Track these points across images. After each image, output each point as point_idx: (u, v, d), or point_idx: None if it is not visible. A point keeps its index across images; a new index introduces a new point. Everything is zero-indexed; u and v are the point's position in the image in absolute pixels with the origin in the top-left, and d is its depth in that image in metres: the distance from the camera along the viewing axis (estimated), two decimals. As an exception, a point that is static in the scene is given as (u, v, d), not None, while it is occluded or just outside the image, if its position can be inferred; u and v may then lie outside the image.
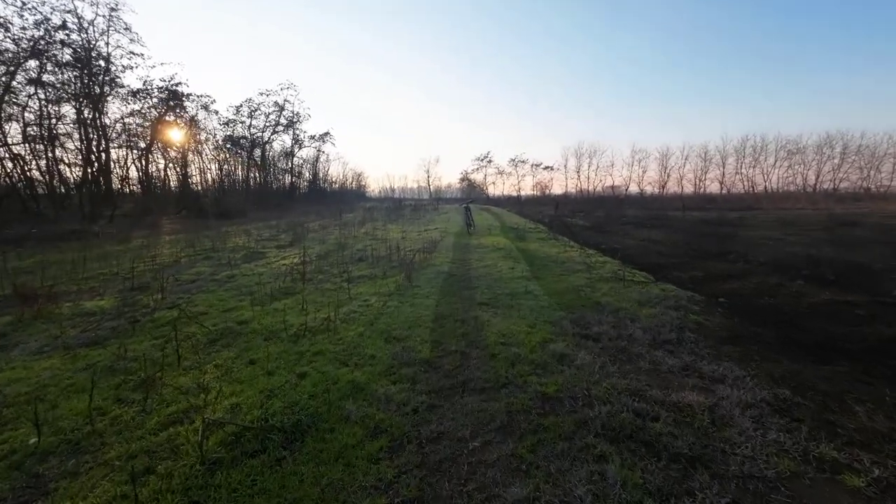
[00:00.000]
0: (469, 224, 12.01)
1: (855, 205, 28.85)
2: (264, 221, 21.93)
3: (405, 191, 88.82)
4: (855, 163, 52.09)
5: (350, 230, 14.80)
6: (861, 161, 51.69)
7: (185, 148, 34.22)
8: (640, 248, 8.89)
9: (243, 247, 10.85)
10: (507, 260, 7.19)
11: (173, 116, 29.96)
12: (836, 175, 53.71)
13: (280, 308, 4.87)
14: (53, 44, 23.66)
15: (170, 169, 33.92)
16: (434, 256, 8.03)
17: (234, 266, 8.04)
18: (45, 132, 23.58)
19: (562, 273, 6.03)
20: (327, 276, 6.75)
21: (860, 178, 51.42)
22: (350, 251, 9.57)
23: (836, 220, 14.38)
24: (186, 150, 34.48)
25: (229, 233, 15.38)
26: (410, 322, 4.06)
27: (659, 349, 3.14)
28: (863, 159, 51.65)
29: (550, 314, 4.01)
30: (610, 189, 65.96)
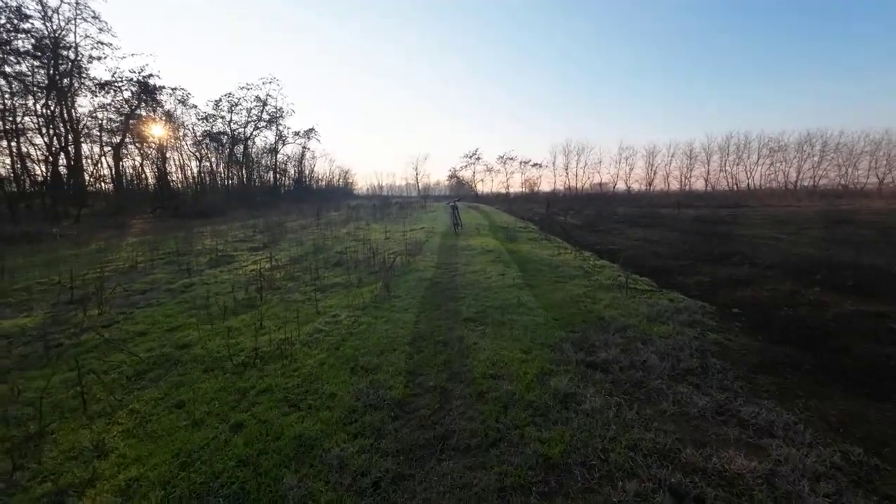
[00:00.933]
0: (456, 224, 11.38)
1: (838, 201, 29.18)
2: (243, 221, 20.92)
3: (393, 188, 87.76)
4: (833, 160, 53.18)
5: (332, 230, 14.04)
6: (839, 159, 52.81)
7: (161, 144, 32.72)
8: (637, 249, 8.40)
9: (212, 249, 10.02)
10: (496, 264, 6.59)
11: (147, 110, 28.51)
12: (815, 172, 54.78)
13: (234, 326, 4.17)
14: (14, 32, 22.14)
15: (145, 166, 32.40)
16: (417, 260, 7.39)
17: (195, 272, 7.27)
18: (10, 126, 22.06)
19: (557, 280, 5.46)
20: (297, 285, 6.05)
21: (838, 176, 52.56)
22: (328, 254, 8.86)
23: (828, 217, 14.21)
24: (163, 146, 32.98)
25: (202, 234, 14.45)
26: (384, 345, 3.42)
27: (682, 382, 2.58)
28: (841, 157, 52.76)
29: (548, 334, 3.41)
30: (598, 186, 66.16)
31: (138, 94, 25.80)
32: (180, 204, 27.95)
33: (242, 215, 25.32)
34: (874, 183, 49.21)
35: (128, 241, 12.31)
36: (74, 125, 26.58)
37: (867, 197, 34.66)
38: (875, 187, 47.64)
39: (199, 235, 13.67)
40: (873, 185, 48.88)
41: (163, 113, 31.33)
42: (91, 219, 21.84)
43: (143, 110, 28.85)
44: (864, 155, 51.24)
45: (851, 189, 47.61)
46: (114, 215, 23.13)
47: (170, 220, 21.82)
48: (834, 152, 53.07)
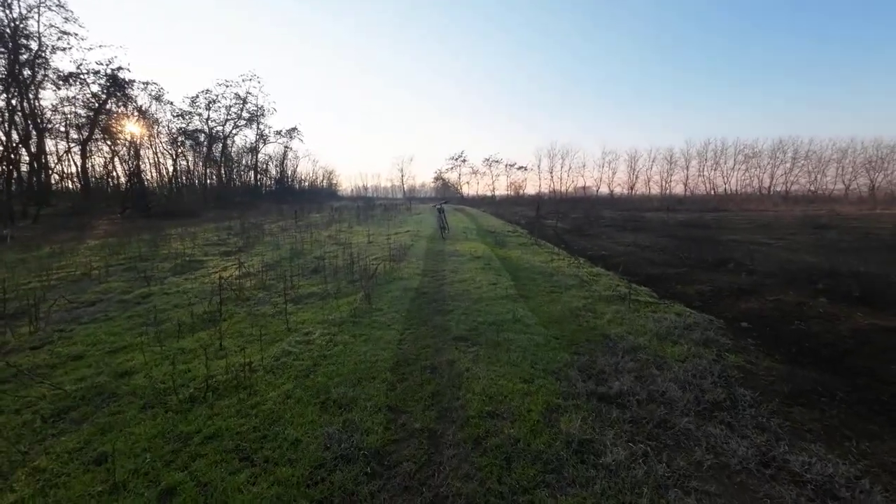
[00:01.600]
0: (443, 227, 10.95)
1: (811, 207, 30.12)
2: (219, 222, 19.95)
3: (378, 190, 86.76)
4: (804, 167, 55.20)
5: (312, 233, 13.39)
6: (809, 166, 54.86)
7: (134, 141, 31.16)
8: (629, 254, 8.15)
9: (179, 254, 9.28)
10: (487, 272, 6.18)
11: (117, 105, 27.04)
12: (787, 178, 56.82)
13: (189, 347, 3.61)
14: None
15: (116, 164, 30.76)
16: (402, 267, 6.91)
17: (156, 280, 6.60)
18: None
19: (553, 289, 5.08)
20: (269, 295, 5.49)
21: (808, 182, 54.66)
22: (305, 259, 8.28)
23: (809, 223, 14.43)
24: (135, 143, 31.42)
25: (172, 236, 13.57)
26: (362, 371, 2.95)
27: (711, 419, 2.21)
28: (811, 164, 54.82)
29: (550, 357, 3.00)
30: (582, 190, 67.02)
31: (107, 88, 24.39)
32: (152, 204, 26.58)
33: (219, 216, 24.23)
34: (841, 189, 51.43)
35: (87, 244, 11.37)
36: (36, 119, 24.98)
37: (836, 202, 36.05)
38: (842, 193, 49.81)
39: (168, 238, 12.81)
40: (840, 191, 51.10)
41: (135, 108, 29.85)
42: (53, 219, 20.43)
43: (112, 105, 27.42)
44: (832, 162, 53.40)
45: (820, 195, 49.61)
46: (78, 216, 21.73)
47: (140, 221, 20.61)
48: (804, 159, 55.12)
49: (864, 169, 50.49)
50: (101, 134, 27.96)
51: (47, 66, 24.54)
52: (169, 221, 20.50)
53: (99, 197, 28.54)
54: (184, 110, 35.79)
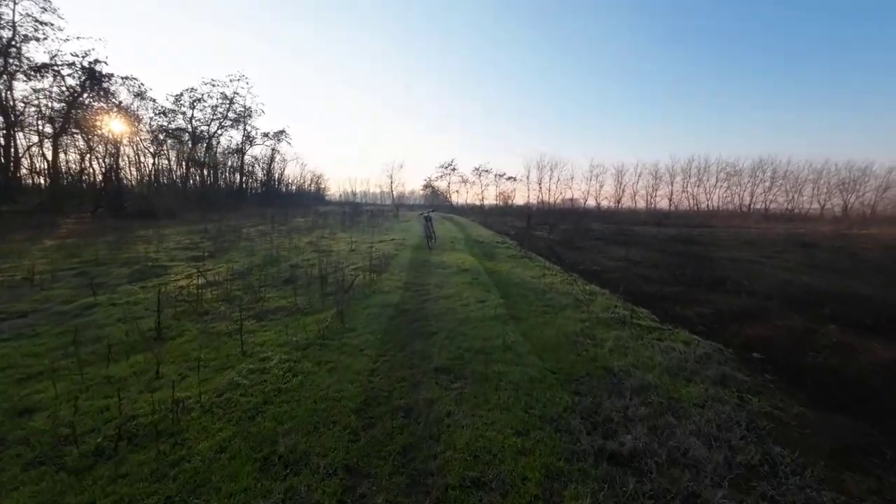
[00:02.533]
0: (429, 237, 10.48)
1: (791, 225, 30.82)
2: (196, 224, 19.05)
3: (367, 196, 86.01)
4: (782, 186, 56.83)
5: (293, 238, 12.74)
6: (787, 185, 56.51)
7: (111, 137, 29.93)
8: (622, 270, 7.82)
9: (144, 258, 8.56)
10: (474, 287, 5.71)
11: (95, 99, 25.91)
12: (766, 197, 58.41)
13: (119, 375, 3.03)
14: None
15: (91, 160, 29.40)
16: (383, 279, 6.40)
17: (108, 288, 5.93)
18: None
19: (546, 310, 4.64)
20: (231, 308, 4.91)
21: (786, 201, 56.34)
22: (280, 267, 7.69)
23: (793, 241, 14.49)
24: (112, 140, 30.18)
25: (140, 238, 12.74)
26: (320, 413, 2.43)
27: (751, 493, 1.77)
28: (788, 183, 56.51)
29: (548, 398, 2.54)
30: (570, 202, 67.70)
31: (83, 81, 23.33)
32: (127, 203, 25.39)
33: (198, 218, 23.24)
34: (816, 209, 53.17)
35: (43, 244, 10.48)
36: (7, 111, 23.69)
37: (813, 221, 37.06)
38: (818, 213, 51.50)
39: (136, 240, 11.99)
40: (815, 210, 52.83)
41: (114, 104, 28.70)
42: (16, 217, 19.18)
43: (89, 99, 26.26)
44: (808, 182, 55.17)
45: (797, 214, 51.17)
46: (44, 214, 20.49)
47: (111, 221, 19.50)
48: (783, 179, 56.79)
49: (837, 190, 52.28)
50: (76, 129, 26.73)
51: (20, 57, 23.38)
52: (143, 222, 19.48)
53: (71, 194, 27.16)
54: (167, 108, 34.69)
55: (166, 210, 25.48)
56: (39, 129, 25.95)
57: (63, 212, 21.99)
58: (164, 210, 25.14)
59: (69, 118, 23.90)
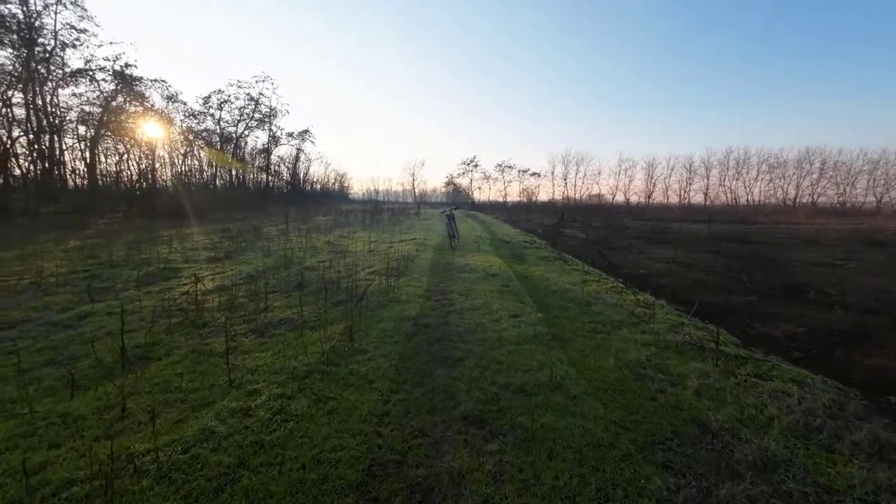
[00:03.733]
0: (452, 236, 9.77)
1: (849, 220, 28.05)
2: (220, 224, 19.18)
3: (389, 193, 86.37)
4: (832, 178, 52.59)
5: (312, 238, 12.36)
6: (838, 177, 52.25)
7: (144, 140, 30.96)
8: (672, 274, 6.83)
9: (161, 259, 8.30)
10: (505, 297, 4.95)
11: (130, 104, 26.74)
12: (814, 190, 54.28)
13: (77, 413, 2.49)
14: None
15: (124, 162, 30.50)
16: (402, 285, 5.74)
17: (113, 293, 5.57)
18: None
19: (596, 327, 3.83)
20: (233, 319, 4.38)
21: (837, 194, 52.04)
22: (294, 270, 7.19)
23: (863, 238, 12.82)
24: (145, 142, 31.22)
25: (162, 238, 12.70)
26: (308, 489, 1.76)
27: None
28: (839, 175, 52.21)
29: (626, 477, 1.77)
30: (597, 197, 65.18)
31: (116, 86, 24.04)
32: (156, 203, 26.10)
33: (223, 217, 23.55)
34: (872, 202, 48.76)
35: (69, 244, 10.51)
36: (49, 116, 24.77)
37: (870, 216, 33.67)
38: (873, 206, 47.12)
39: (157, 240, 11.92)
40: (871, 203, 48.39)
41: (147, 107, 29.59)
42: (54, 217, 19.92)
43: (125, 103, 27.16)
44: (862, 174, 50.75)
45: (850, 208, 46.98)
46: (80, 213, 21.23)
47: (140, 221, 19.94)
48: (833, 170, 52.50)
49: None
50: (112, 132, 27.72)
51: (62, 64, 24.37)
52: (170, 222, 19.80)
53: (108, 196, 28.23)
54: (196, 110, 35.60)
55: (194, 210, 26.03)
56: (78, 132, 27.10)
57: (99, 212, 22.77)
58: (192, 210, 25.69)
59: (104, 121, 24.70)
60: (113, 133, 28.04)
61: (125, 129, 28.72)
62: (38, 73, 24.53)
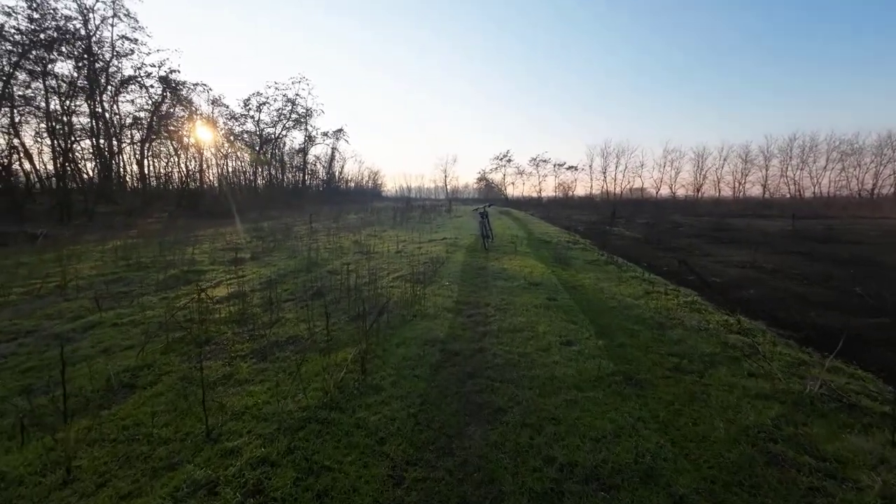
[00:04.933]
0: (486, 236, 8.94)
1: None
2: (257, 222, 19.46)
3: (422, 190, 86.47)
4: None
5: (340, 237, 12.00)
6: (928, 163, 45.64)
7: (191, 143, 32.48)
8: (757, 284, 5.63)
9: (187, 260, 8.15)
10: (552, 314, 4.09)
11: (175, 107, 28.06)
12: (895, 179, 47.80)
13: (14, 475, 1.97)
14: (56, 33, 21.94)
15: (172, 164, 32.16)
16: (429, 294, 5.02)
17: (127, 299, 5.30)
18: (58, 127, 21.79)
19: (679, 363, 2.90)
20: (239, 334, 3.87)
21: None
22: (316, 274, 6.70)
23: None
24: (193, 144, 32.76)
25: (198, 237, 12.86)
26: None
27: None
28: (929, 162, 45.59)
29: None
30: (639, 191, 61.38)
31: (162, 90, 25.20)
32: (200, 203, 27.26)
33: (259, 216, 24.07)
34: (974, 190, 42.27)
35: (108, 245, 10.76)
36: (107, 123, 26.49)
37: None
38: (975, 195, 40.77)
39: (192, 240, 12.03)
40: (972, 192, 41.90)
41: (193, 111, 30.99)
42: (109, 217, 21.17)
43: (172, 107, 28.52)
44: (958, 159, 44.11)
45: None
46: (130, 214, 22.48)
47: (182, 221, 20.72)
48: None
49: None
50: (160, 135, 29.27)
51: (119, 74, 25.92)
52: (211, 221, 20.43)
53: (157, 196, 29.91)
54: (237, 113, 36.94)
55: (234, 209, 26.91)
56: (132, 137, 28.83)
57: (148, 212, 24.05)
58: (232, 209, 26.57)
59: (151, 125, 26.02)
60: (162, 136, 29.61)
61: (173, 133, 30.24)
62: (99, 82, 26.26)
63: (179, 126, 30.99)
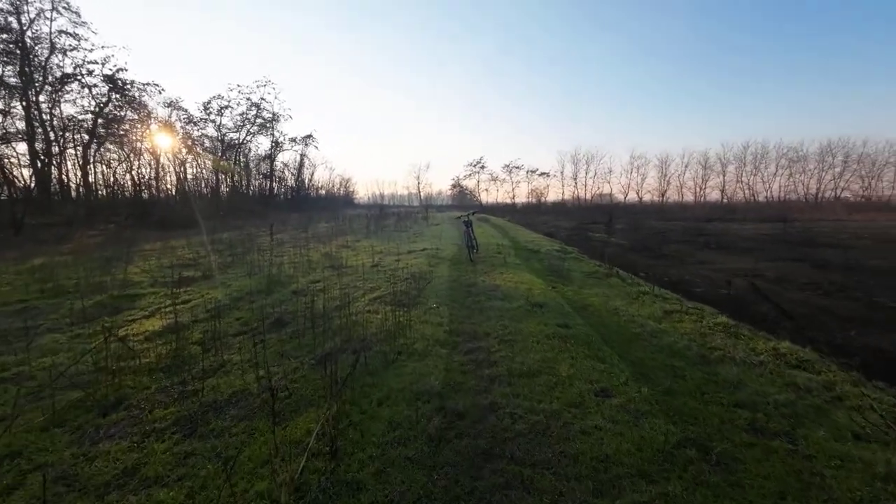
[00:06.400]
0: (471, 246, 8.20)
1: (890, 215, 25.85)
2: (217, 233, 17.83)
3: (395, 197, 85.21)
4: (857, 172, 50.40)
5: (310, 249, 10.90)
6: (863, 170, 50.01)
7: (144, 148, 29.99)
8: (771, 296, 5.18)
9: (123, 283, 6.87)
10: (571, 349, 3.35)
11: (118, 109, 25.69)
12: (837, 184, 52.15)
13: None
14: None
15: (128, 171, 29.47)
16: (415, 322, 4.17)
17: (30, 338, 4.11)
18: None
19: (756, 421, 2.22)
20: (162, 394, 2.87)
21: (861, 188, 49.79)
22: (277, 296, 5.69)
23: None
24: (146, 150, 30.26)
25: (143, 252, 11.36)
26: None
27: None
28: (864, 168, 49.96)
29: None
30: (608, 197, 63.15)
31: (108, 91, 22.98)
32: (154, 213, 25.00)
33: (221, 226, 22.27)
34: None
35: (30, 264, 9.16)
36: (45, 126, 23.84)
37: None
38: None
39: (136, 255, 10.55)
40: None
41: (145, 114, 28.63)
42: (42, 230, 18.81)
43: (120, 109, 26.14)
44: (889, 166, 48.52)
45: (874, 202, 44.63)
46: (70, 225, 20.12)
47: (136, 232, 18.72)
48: (857, 163, 50.23)
49: (927, 172, 45.38)
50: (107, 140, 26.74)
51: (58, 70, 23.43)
52: (162, 233, 18.55)
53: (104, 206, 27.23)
54: (197, 116, 34.62)
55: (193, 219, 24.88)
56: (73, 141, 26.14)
57: (91, 224, 21.67)
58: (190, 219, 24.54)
59: (97, 128, 23.65)
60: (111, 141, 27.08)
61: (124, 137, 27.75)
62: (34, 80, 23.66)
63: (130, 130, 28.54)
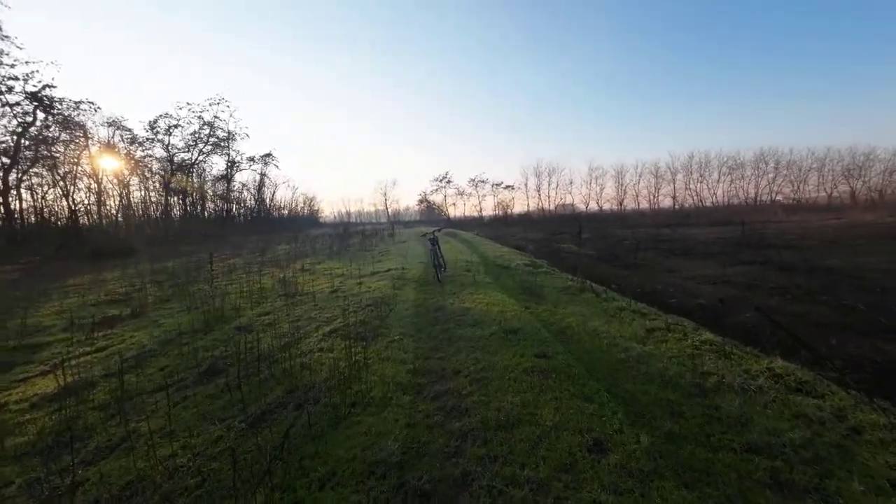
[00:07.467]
0: (438, 265, 7.73)
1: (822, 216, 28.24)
2: (162, 261, 16.24)
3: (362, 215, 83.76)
4: (786, 177, 55.45)
5: (264, 273, 9.97)
6: (791, 175, 55.10)
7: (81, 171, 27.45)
8: (744, 304, 5.07)
9: (25, 329, 5.76)
10: (553, 386, 2.91)
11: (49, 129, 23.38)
12: (771, 188, 56.91)
13: None
14: None
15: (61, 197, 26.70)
16: (373, 360, 3.60)
17: None
18: None
19: (780, 475, 1.86)
20: (27, 493, 2.11)
21: (792, 191, 54.65)
22: (217, 334, 4.91)
23: (873, 233, 11.83)
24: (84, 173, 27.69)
25: (66, 288, 9.95)
26: None
27: None
28: (792, 174, 55.08)
29: None
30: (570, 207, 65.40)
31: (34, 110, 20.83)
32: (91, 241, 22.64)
33: (169, 252, 20.46)
34: (824, 197, 51.50)
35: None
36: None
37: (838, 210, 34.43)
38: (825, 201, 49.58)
39: (56, 291, 9.19)
40: (823, 199, 50.92)
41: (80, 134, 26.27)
42: (-51, 266, 16.35)
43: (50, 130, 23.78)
44: (812, 171, 53.80)
45: (803, 204, 49.07)
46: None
47: (58, 265, 16.69)
48: (786, 169, 55.33)
49: (843, 177, 50.78)
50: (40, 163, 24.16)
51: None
52: (96, 264, 16.70)
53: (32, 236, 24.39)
54: (141, 136, 32.31)
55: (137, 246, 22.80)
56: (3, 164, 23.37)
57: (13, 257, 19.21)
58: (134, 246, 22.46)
59: (20, 151, 21.27)
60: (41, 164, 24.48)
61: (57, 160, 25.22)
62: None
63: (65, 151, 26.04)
